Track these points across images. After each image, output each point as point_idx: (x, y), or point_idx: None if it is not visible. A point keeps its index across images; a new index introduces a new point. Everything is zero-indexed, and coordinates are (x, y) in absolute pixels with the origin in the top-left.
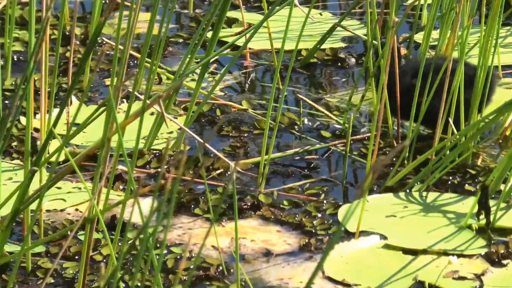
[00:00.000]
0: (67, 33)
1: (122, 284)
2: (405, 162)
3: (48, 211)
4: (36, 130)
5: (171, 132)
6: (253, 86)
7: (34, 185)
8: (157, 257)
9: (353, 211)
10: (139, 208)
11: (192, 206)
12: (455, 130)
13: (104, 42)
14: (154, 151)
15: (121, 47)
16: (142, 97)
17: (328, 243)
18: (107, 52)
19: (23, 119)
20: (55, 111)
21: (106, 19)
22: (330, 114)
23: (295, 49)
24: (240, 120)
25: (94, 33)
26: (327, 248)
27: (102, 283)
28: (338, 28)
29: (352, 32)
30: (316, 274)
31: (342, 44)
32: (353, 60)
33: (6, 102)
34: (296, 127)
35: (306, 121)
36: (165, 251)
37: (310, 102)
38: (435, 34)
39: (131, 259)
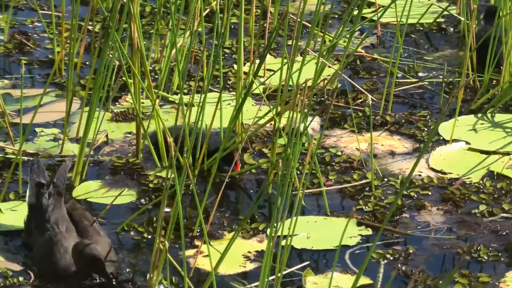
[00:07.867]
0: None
1: (296, 172)
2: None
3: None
4: (245, 73)
5: (329, 75)
6: (382, 45)
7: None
8: (319, 154)
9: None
10: (305, 124)
11: (342, 122)
12: None
13: (289, 16)
14: (317, 87)
15: (299, 19)
16: (312, 52)
17: (425, 145)
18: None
19: (235, 66)
20: (256, 62)
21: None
22: (431, 64)
23: (407, 22)
24: (371, 67)
25: (286, 12)
26: (423, 148)
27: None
28: (442, 7)
29: (448, 11)
30: (418, 163)
31: (442, 19)
32: (451, 29)
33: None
34: (411, 72)
35: (416, 68)
36: (323, 151)
37: (417, 55)
38: None
39: (302, 160)
